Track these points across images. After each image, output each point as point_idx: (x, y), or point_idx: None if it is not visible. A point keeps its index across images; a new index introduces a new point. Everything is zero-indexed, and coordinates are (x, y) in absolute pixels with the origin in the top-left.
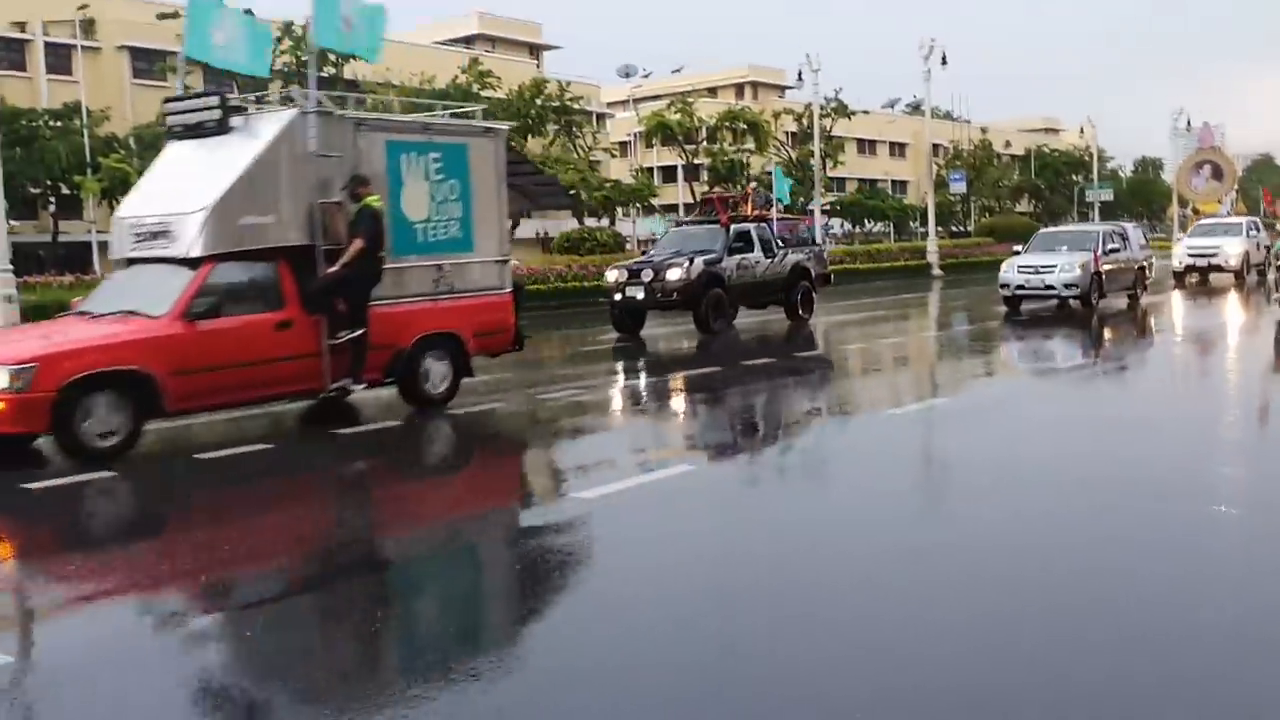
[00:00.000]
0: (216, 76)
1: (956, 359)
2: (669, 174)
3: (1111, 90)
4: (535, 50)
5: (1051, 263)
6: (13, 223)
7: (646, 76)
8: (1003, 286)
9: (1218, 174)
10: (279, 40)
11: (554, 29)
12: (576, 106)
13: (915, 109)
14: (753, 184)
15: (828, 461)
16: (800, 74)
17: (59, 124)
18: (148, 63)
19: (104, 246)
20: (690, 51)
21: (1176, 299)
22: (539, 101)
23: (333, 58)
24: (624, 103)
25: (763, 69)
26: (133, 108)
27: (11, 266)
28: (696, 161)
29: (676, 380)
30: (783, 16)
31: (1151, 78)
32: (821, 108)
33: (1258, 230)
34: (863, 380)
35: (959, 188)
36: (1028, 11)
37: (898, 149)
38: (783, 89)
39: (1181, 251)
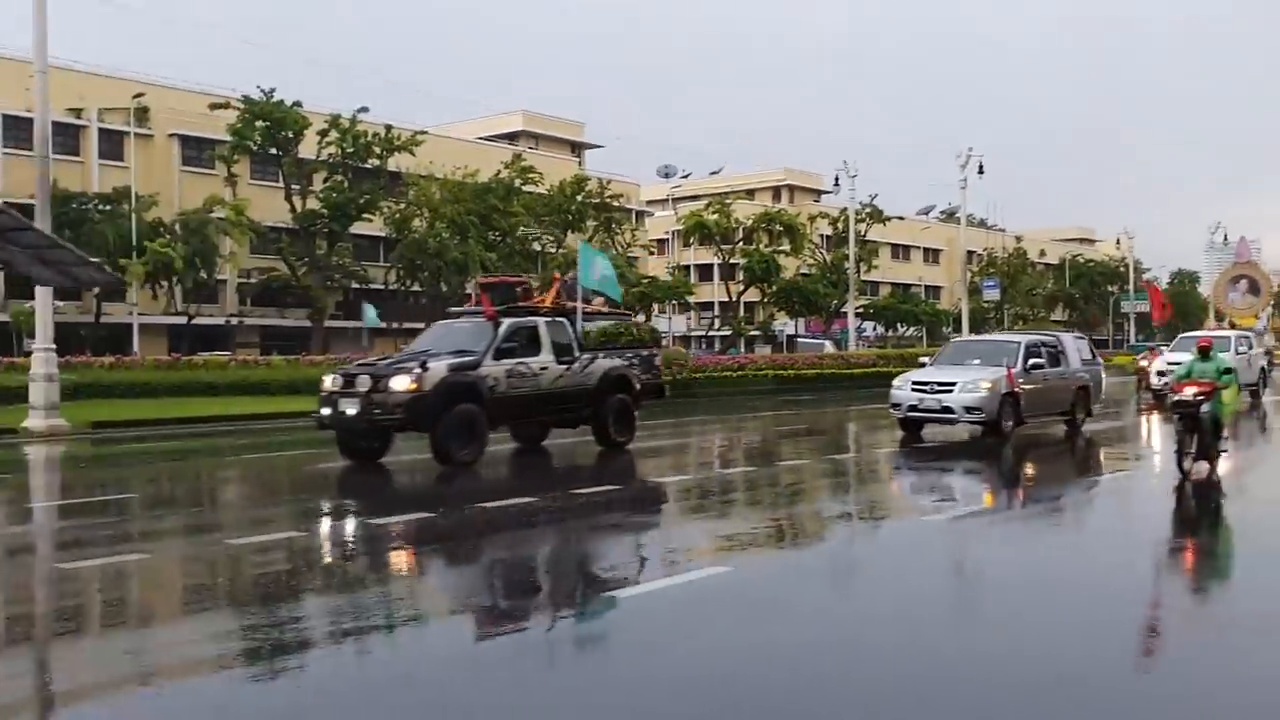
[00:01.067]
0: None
1: (799, 496)
2: (705, 272)
3: (1148, 202)
4: (577, 148)
5: (952, 380)
6: (57, 303)
7: (686, 177)
8: (894, 406)
9: (1254, 288)
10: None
11: (596, 128)
12: (616, 204)
13: (950, 215)
14: (562, 273)
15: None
16: (837, 179)
17: (108, 208)
18: (197, 150)
19: (144, 329)
20: (728, 152)
21: (1142, 425)
22: (579, 198)
23: (378, 150)
24: (663, 201)
25: (799, 173)
26: (180, 194)
27: (54, 346)
28: (732, 261)
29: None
30: (820, 121)
31: (1187, 192)
32: (857, 212)
33: (1249, 346)
34: (632, 535)
35: (993, 295)
36: (1062, 122)
37: (931, 254)
38: (819, 193)
39: (1161, 366)
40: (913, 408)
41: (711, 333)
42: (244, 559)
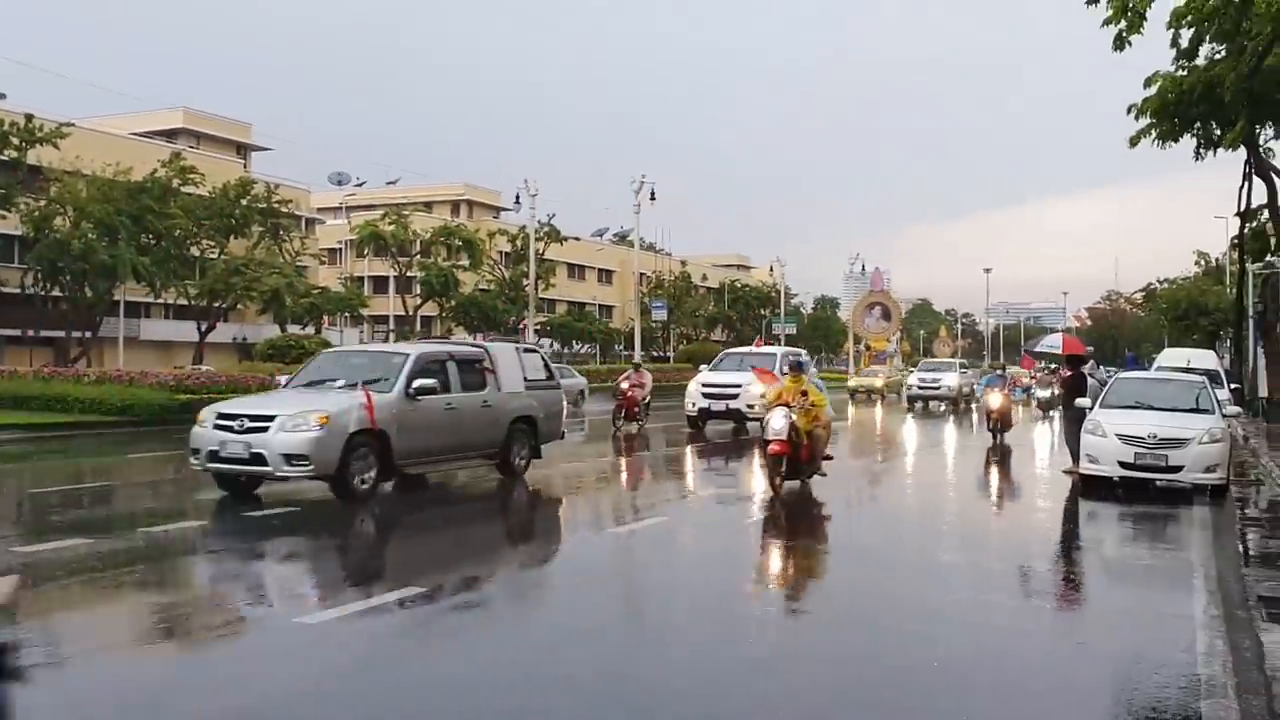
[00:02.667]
0: None
1: None
2: (380, 284)
3: (794, 233)
4: (243, 150)
5: (270, 413)
6: None
7: (360, 185)
8: (194, 454)
9: (886, 315)
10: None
11: (265, 131)
12: (285, 210)
13: (622, 238)
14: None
15: None
16: (518, 197)
17: None
18: None
19: None
20: (404, 164)
21: (620, 466)
22: (244, 201)
23: (15, 141)
24: (336, 209)
25: (478, 188)
26: None
27: None
28: (409, 274)
29: None
30: (500, 140)
31: (831, 224)
32: (535, 231)
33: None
34: None
35: (661, 315)
36: (721, 153)
37: (605, 275)
38: (498, 210)
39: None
40: (215, 455)
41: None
42: None
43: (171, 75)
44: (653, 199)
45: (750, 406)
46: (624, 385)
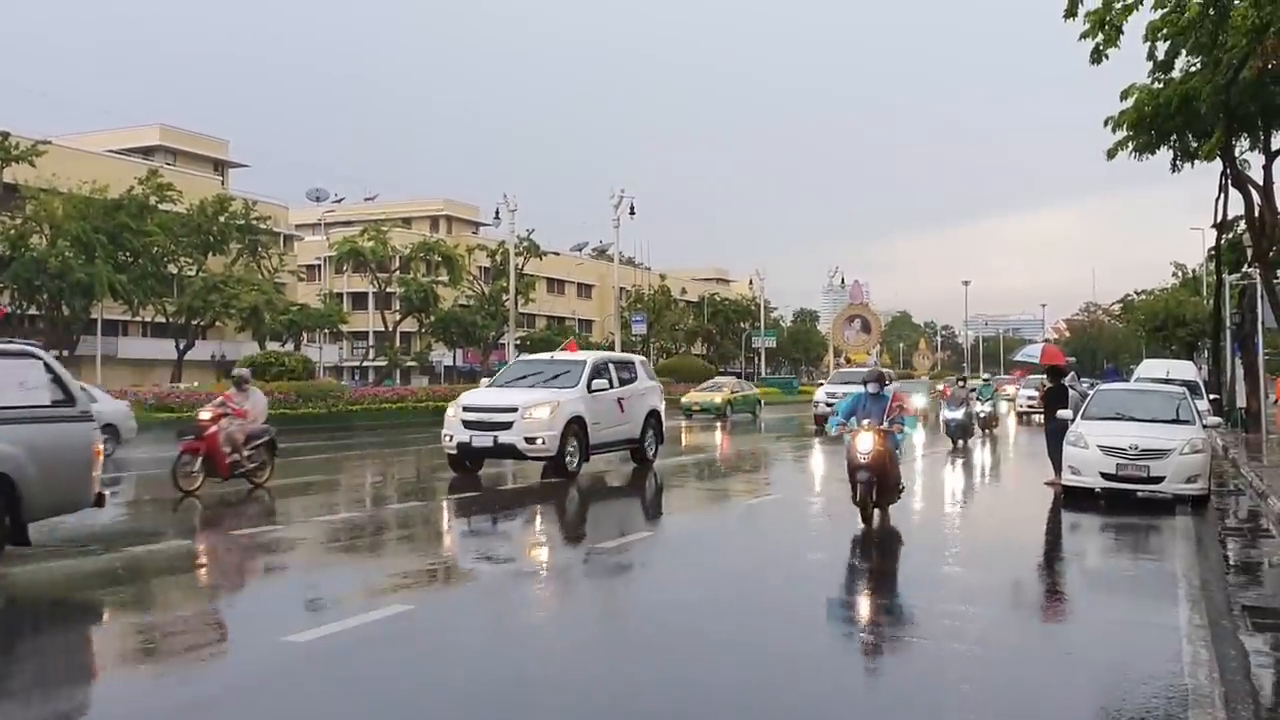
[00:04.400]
0: None
1: None
2: (359, 300)
3: (774, 246)
4: (221, 166)
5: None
6: None
7: (339, 201)
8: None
9: (866, 327)
10: None
11: (242, 147)
12: (263, 226)
13: (601, 253)
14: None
15: None
16: (497, 212)
17: None
18: None
19: None
20: (383, 180)
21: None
22: (223, 218)
23: None
24: (314, 226)
25: (458, 204)
26: None
27: None
28: (389, 290)
29: None
30: (476, 156)
31: (808, 237)
32: (515, 246)
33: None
34: None
35: (640, 329)
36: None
37: (585, 290)
38: (477, 225)
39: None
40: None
41: (366, 363)
42: None
43: (148, 92)
44: (632, 213)
45: (531, 440)
46: (204, 416)
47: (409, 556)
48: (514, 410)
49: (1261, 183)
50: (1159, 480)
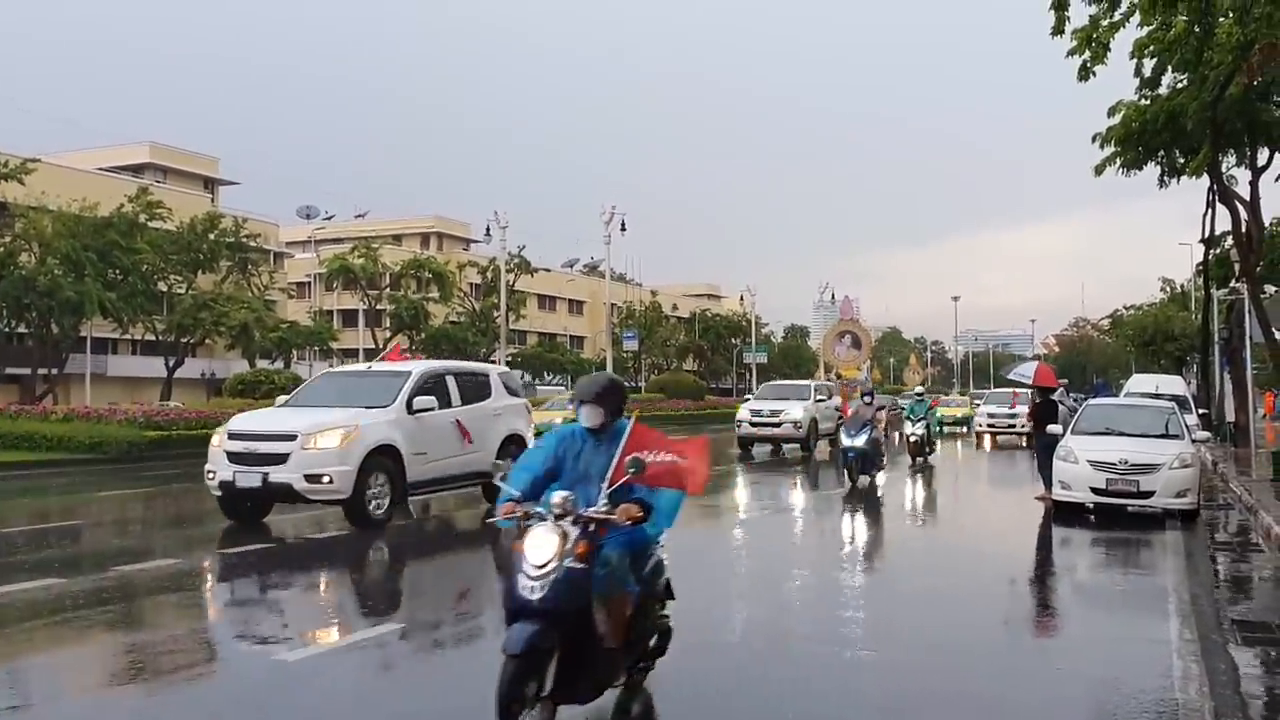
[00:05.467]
0: None
1: None
2: (350, 318)
3: (765, 263)
4: (211, 184)
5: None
6: None
7: (329, 219)
8: None
9: (857, 343)
10: None
11: (232, 165)
12: (253, 244)
13: (593, 269)
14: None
15: None
16: (488, 229)
17: None
18: None
19: None
20: (373, 197)
21: None
22: (212, 236)
23: None
24: (304, 243)
25: (448, 221)
26: None
27: None
28: (379, 307)
29: None
30: (466, 172)
31: (798, 253)
32: (505, 263)
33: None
34: None
35: (632, 345)
36: (691, 181)
37: (576, 306)
38: (468, 241)
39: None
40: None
41: None
42: None
43: (138, 110)
44: (623, 230)
45: (314, 478)
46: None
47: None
48: (291, 438)
49: (1248, 198)
50: (1149, 495)
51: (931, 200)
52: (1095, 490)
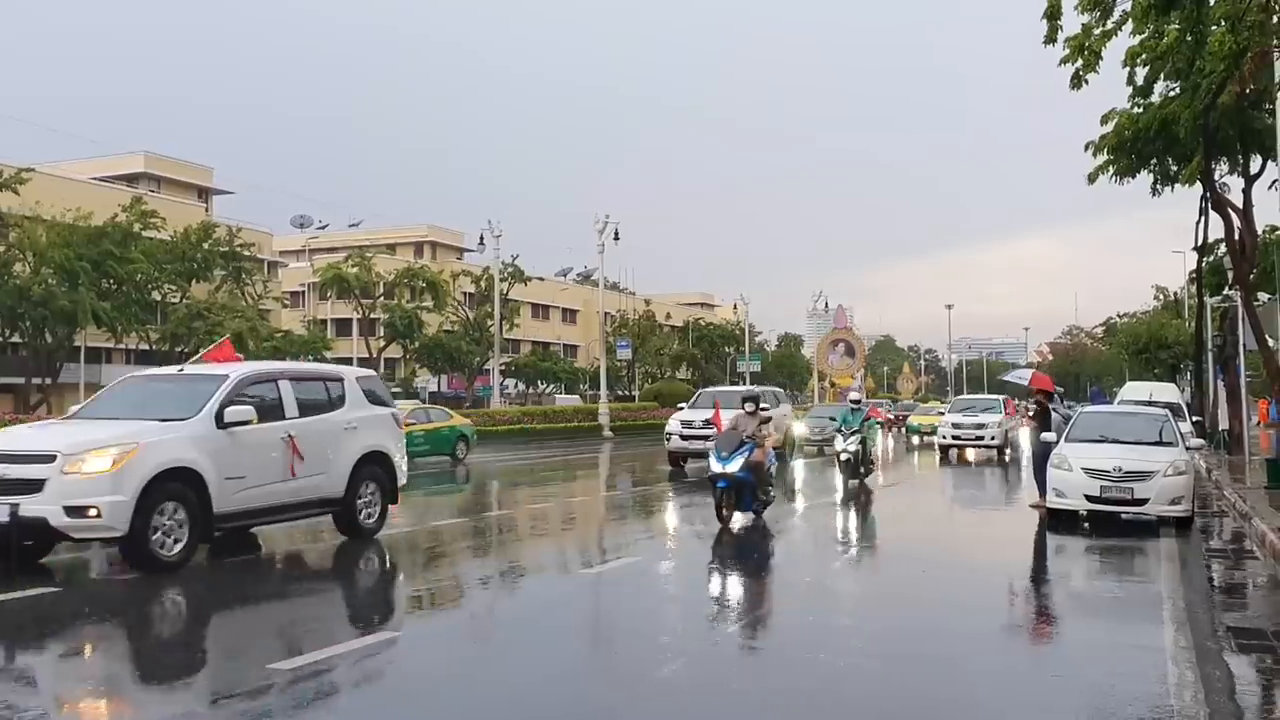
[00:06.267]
0: None
1: None
2: (344, 327)
3: (758, 271)
4: (205, 194)
5: None
6: None
7: (323, 228)
8: None
9: (850, 352)
10: None
11: (226, 174)
12: (247, 253)
13: (586, 278)
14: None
15: None
16: (482, 238)
17: None
18: None
19: None
20: (367, 206)
21: None
22: (206, 245)
23: None
24: (298, 252)
25: (442, 230)
26: None
27: None
28: (373, 316)
29: None
30: (460, 182)
31: (792, 262)
32: (500, 272)
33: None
34: None
35: (625, 354)
36: (684, 193)
37: (569, 315)
38: (461, 250)
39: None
40: None
41: None
42: None
43: (132, 120)
44: (616, 239)
45: (78, 511)
46: None
47: None
48: (49, 459)
49: (1241, 206)
50: (1143, 502)
51: (926, 210)
52: (1089, 497)
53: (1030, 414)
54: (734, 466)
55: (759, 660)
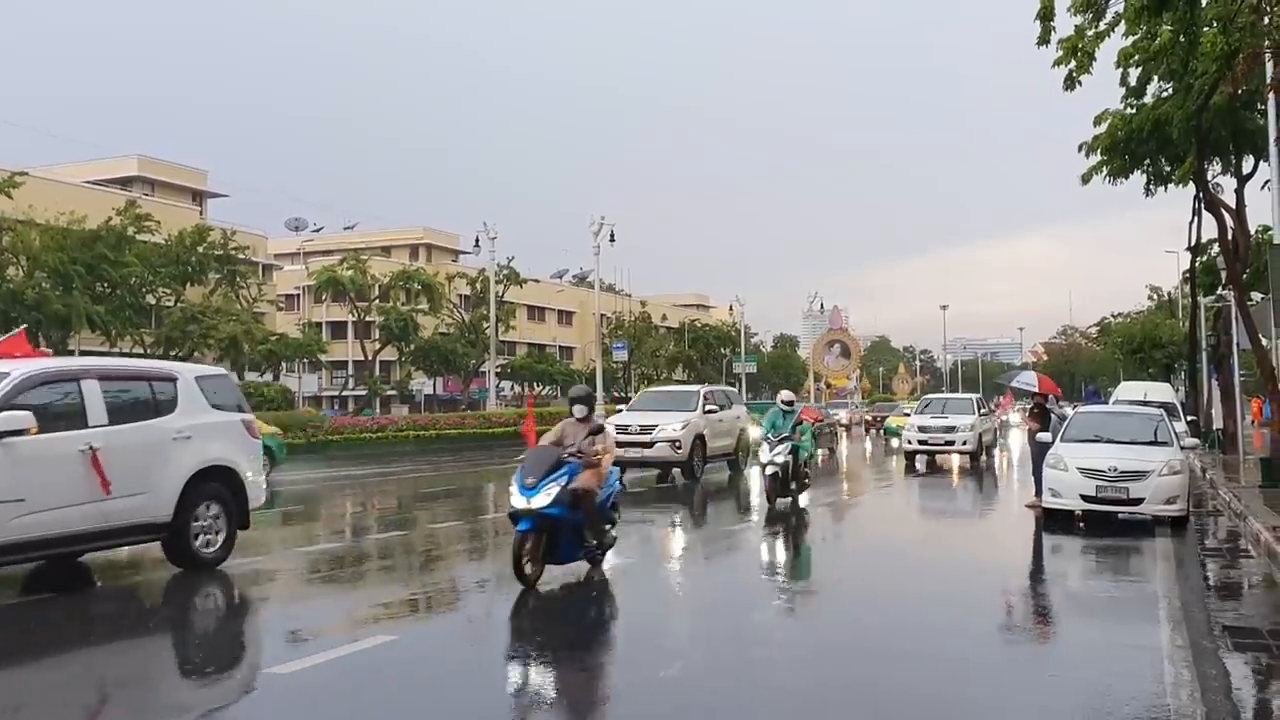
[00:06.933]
0: None
1: None
2: (339, 330)
3: (754, 273)
4: (199, 197)
5: None
6: None
7: (318, 231)
8: None
9: (846, 352)
10: None
11: (221, 177)
12: (241, 256)
13: (582, 280)
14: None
15: None
16: (477, 240)
17: None
18: None
19: None
20: (362, 209)
21: None
22: (200, 249)
23: None
24: (293, 255)
25: (438, 232)
26: None
27: None
28: (368, 319)
29: None
30: (455, 184)
31: (787, 263)
32: (495, 274)
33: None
34: None
35: (621, 355)
36: (681, 194)
37: (565, 316)
38: (457, 253)
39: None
40: None
41: (345, 392)
42: None
43: (130, 120)
44: (612, 240)
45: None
46: None
47: None
48: None
49: (1234, 206)
50: (1138, 502)
51: (923, 208)
52: (1085, 497)
53: (1031, 414)
54: (541, 500)
55: None
